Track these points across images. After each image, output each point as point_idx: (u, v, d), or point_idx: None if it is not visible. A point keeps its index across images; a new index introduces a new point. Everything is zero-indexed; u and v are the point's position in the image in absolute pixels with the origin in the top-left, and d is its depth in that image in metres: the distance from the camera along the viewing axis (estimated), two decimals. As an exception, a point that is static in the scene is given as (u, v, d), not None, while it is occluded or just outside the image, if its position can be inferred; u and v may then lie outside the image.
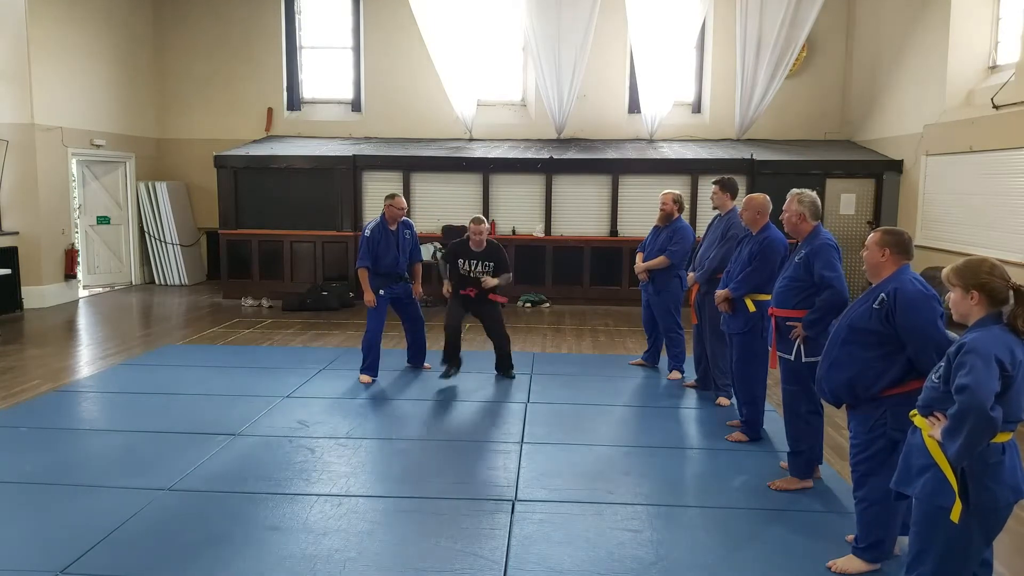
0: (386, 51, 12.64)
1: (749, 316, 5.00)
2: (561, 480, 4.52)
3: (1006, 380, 2.54)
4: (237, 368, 7.03)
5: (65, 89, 10.73)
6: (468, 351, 7.98)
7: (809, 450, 4.37)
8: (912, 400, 2.91)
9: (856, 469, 3.43)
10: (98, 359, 7.48)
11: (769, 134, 12.29)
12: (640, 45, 11.66)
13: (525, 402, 6.09)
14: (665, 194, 6.73)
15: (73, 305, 10.58)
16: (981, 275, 2.68)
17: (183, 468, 4.60)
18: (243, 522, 3.97)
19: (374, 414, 5.82)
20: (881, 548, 3.43)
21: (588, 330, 9.25)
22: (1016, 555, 3.78)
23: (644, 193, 10.61)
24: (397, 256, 6.65)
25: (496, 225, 11.11)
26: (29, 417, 5.60)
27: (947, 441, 2.55)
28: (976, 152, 8.72)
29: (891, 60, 10.81)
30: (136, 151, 12.46)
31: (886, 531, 3.42)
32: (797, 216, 4.33)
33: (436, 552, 3.63)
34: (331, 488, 4.38)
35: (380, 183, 11.00)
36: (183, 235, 12.59)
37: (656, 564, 3.55)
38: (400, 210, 6.62)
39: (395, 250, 6.63)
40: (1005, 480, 2.62)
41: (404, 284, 6.77)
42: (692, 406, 6.08)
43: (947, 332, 3.17)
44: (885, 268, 3.32)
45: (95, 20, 11.45)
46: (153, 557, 3.57)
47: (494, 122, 12.73)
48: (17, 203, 10.04)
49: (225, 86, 12.85)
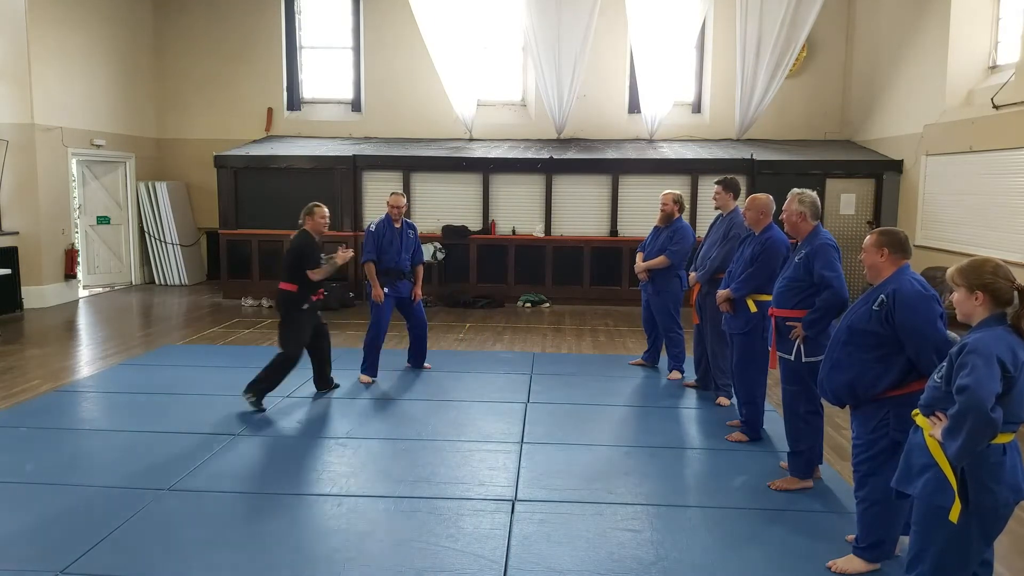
0: (386, 51, 12.64)
1: (750, 316, 5.00)
2: (561, 480, 4.52)
3: (1008, 381, 2.54)
4: (237, 368, 7.02)
5: (65, 89, 10.73)
6: (468, 351, 8.01)
7: (809, 450, 4.37)
8: (914, 401, 2.91)
9: (858, 469, 3.43)
10: (98, 359, 7.48)
11: (769, 134, 12.29)
12: (640, 45, 11.66)
13: (525, 402, 6.09)
14: (665, 194, 6.73)
15: (73, 305, 10.58)
16: (985, 276, 2.68)
17: (183, 468, 4.60)
18: (243, 522, 3.97)
19: (374, 414, 5.82)
20: (881, 548, 3.43)
21: (588, 330, 9.25)
22: (1016, 555, 3.78)
23: (644, 193, 10.61)
24: (400, 252, 6.67)
25: (496, 225, 11.12)
26: (29, 417, 5.60)
27: (947, 441, 2.56)
28: (976, 152, 8.72)
29: (891, 60, 10.81)
30: (136, 151, 12.46)
31: (887, 531, 3.41)
32: (798, 216, 4.33)
33: (436, 552, 3.63)
34: (331, 488, 4.38)
35: (380, 183, 11.00)
36: (183, 235, 12.60)
37: (656, 564, 3.55)
38: (396, 208, 6.67)
39: (399, 246, 6.66)
40: (1006, 480, 2.62)
41: (407, 282, 6.78)
42: (692, 406, 6.07)
43: (947, 332, 3.17)
44: (885, 269, 3.33)
45: (95, 20, 11.45)
46: (153, 557, 3.57)
47: (494, 122, 12.73)
48: (17, 203, 10.04)
49: (225, 86, 12.85)
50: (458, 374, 6.98)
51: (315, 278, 5.83)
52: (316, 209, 5.96)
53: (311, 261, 5.81)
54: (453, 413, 5.83)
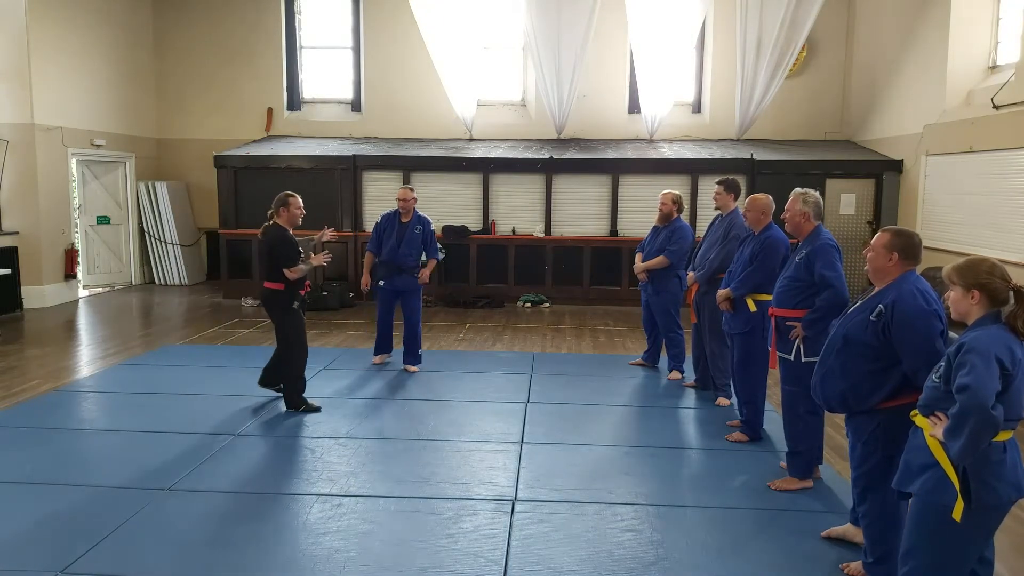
0: (386, 51, 12.64)
1: (750, 316, 5.00)
2: (561, 480, 4.52)
3: (1006, 379, 2.54)
4: (237, 368, 7.02)
5: (65, 89, 10.73)
6: (468, 351, 8.01)
7: (808, 450, 4.37)
8: (906, 414, 2.90)
9: (856, 484, 3.39)
10: (98, 359, 7.48)
11: (769, 134, 12.29)
12: (640, 45, 11.66)
13: (525, 402, 6.09)
14: (664, 194, 6.73)
15: (73, 305, 10.58)
16: (981, 275, 2.68)
17: (183, 468, 4.60)
18: (243, 522, 3.97)
19: (374, 414, 5.82)
20: (891, 561, 3.37)
21: (588, 330, 9.25)
22: (1016, 555, 3.78)
23: (644, 193, 10.60)
24: (397, 247, 6.68)
25: (496, 225, 11.12)
26: (29, 417, 5.60)
27: (949, 440, 2.55)
28: (976, 152, 8.72)
29: (891, 60, 10.81)
30: (136, 151, 12.46)
31: (894, 543, 3.36)
32: (801, 216, 4.32)
33: (436, 552, 3.63)
34: (331, 488, 4.38)
35: (380, 183, 11.01)
36: (183, 235, 12.60)
37: (656, 564, 3.55)
38: (401, 200, 6.71)
39: (395, 240, 6.67)
40: (1007, 478, 2.62)
41: (406, 278, 6.77)
42: (692, 406, 6.08)
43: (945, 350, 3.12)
44: (890, 273, 3.20)
45: (95, 20, 11.45)
46: (153, 557, 3.57)
47: (494, 122, 12.73)
48: (17, 203, 10.04)
49: (225, 86, 12.85)
50: (458, 374, 6.98)
51: (292, 277, 5.45)
52: (291, 200, 5.58)
53: (287, 258, 5.45)
54: (453, 413, 5.83)
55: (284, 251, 5.50)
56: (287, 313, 5.64)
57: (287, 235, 5.58)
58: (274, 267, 5.53)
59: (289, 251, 5.51)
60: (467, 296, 10.87)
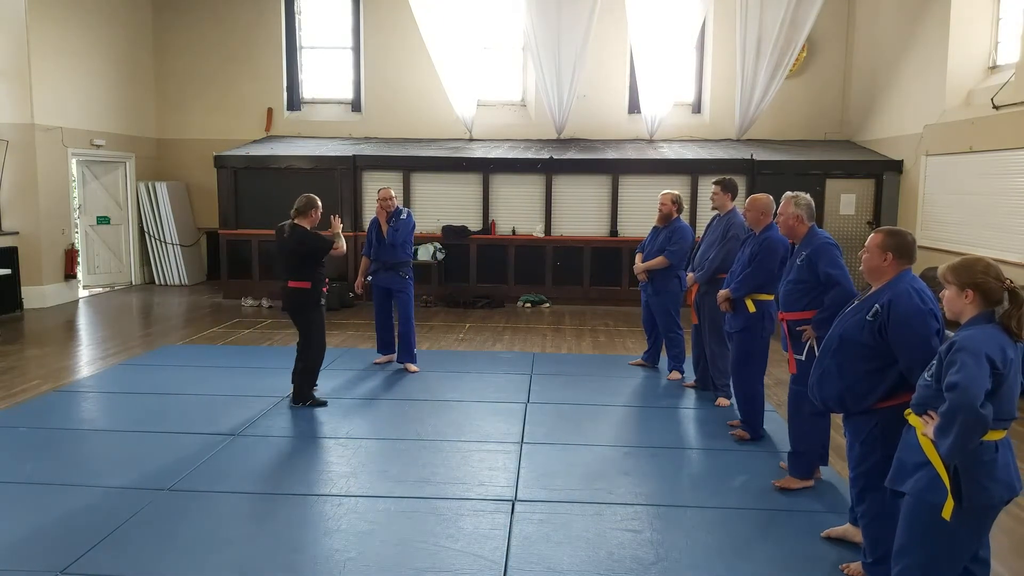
0: (386, 51, 12.64)
1: (748, 316, 5.00)
2: (561, 480, 4.52)
3: (997, 378, 2.54)
4: (237, 368, 7.03)
5: (65, 89, 10.73)
6: (468, 351, 8.01)
7: (810, 451, 4.37)
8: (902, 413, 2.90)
9: (854, 484, 3.39)
10: (98, 359, 7.48)
11: (769, 134, 12.29)
12: (640, 45, 11.66)
13: (525, 402, 6.09)
14: (664, 194, 6.73)
15: (73, 305, 10.58)
16: (976, 274, 2.68)
17: (183, 468, 4.61)
18: (243, 522, 3.97)
19: (374, 414, 5.82)
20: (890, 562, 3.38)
21: (588, 330, 9.25)
22: (1015, 555, 3.78)
23: (644, 193, 10.60)
24: (379, 245, 6.85)
25: (496, 225, 11.12)
26: (29, 417, 5.60)
27: (939, 439, 2.56)
28: (976, 152, 8.71)
29: (891, 60, 10.81)
30: (136, 151, 12.46)
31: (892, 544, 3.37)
32: (794, 219, 4.33)
33: (436, 552, 3.63)
34: (331, 488, 4.38)
35: (380, 183, 10.94)
36: (183, 235, 12.60)
37: (656, 564, 3.55)
38: (381, 200, 6.84)
39: (374, 239, 6.88)
40: (999, 477, 2.62)
41: (391, 275, 6.81)
42: (692, 406, 6.08)
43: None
44: (885, 273, 3.22)
45: (95, 20, 11.45)
46: (153, 557, 3.57)
47: (494, 122, 12.73)
48: (17, 203, 10.04)
49: (225, 86, 12.85)
50: (458, 374, 6.99)
51: (343, 250, 5.85)
52: (318, 204, 5.76)
53: (325, 242, 5.70)
54: (453, 413, 5.83)
55: (319, 241, 5.71)
56: (315, 311, 5.80)
57: (314, 231, 5.77)
58: (306, 266, 5.68)
59: (322, 240, 5.73)
60: (467, 296, 10.87)
